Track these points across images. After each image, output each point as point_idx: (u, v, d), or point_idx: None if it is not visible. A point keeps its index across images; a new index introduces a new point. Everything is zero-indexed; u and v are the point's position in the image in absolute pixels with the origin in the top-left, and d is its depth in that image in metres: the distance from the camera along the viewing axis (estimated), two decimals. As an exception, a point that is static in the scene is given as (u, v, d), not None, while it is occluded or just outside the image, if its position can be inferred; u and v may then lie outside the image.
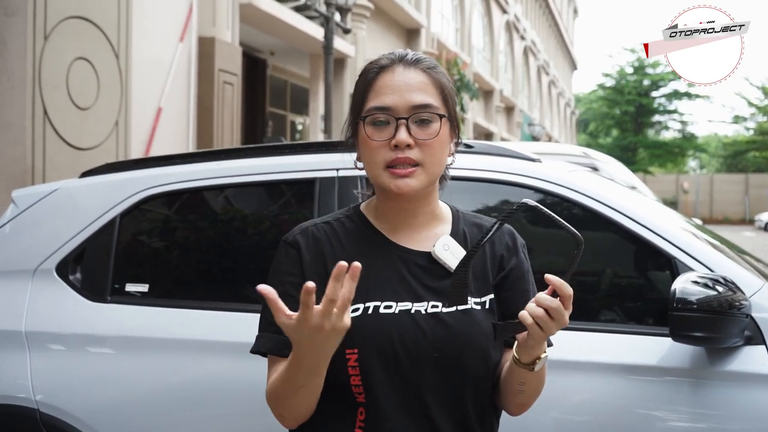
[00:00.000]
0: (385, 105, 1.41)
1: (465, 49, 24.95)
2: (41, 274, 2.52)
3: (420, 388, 1.39)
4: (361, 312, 1.39)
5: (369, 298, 1.40)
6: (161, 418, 2.31)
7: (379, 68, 1.45)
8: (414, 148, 1.40)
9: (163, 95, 9.08)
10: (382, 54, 1.50)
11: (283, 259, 1.46)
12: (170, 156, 2.78)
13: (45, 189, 2.74)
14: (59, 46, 6.78)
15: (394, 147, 1.40)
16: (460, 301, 1.37)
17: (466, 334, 1.41)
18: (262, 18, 11.47)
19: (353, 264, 1.18)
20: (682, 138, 49.48)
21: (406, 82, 1.42)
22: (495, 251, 1.52)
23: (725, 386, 1.99)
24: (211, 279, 2.55)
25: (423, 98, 1.41)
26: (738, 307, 1.93)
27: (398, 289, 1.42)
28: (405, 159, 1.39)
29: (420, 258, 1.45)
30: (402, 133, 1.39)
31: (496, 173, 2.36)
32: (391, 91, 1.41)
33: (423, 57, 1.47)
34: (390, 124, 1.41)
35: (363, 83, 1.46)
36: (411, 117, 1.40)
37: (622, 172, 6.35)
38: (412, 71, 1.44)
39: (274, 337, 1.39)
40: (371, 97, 1.43)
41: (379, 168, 1.41)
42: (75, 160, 6.90)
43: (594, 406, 2.06)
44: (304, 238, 1.46)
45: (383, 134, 1.41)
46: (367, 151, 1.43)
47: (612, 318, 2.28)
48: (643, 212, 2.26)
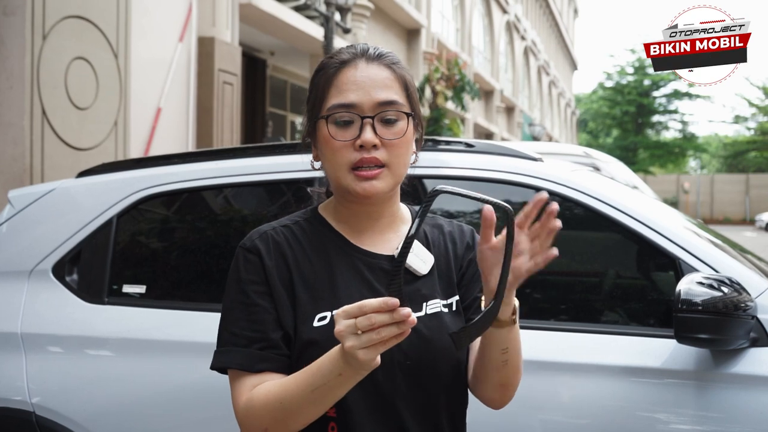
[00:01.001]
0: (349, 102, 1.33)
1: (465, 50, 24.94)
2: (37, 275, 2.49)
3: (393, 398, 1.32)
4: (329, 320, 1.31)
5: (336, 305, 1.29)
6: (159, 421, 2.28)
7: (339, 63, 1.36)
8: (380, 148, 1.32)
9: (162, 95, 9.05)
10: (340, 48, 1.41)
11: (243, 267, 1.35)
12: (168, 156, 2.75)
13: (41, 189, 2.71)
14: (58, 45, 6.76)
15: (359, 147, 1.32)
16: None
17: (436, 339, 1.35)
18: (261, 18, 11.45)
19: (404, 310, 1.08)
20: (683, 138, 49.45)
21: (371, 78, 1.34)
22: (456, 251, 1.46)
23: (731, 389, 1.96)
24: (210, 280, 2.52)
25: (388, 95, 1.34)
26: (744, 309, 1.91)
27: (366, 294, 1.31)
28: (371, 159, 1.31)
29: (385, 262, 1.38)
30: (368, 132, 1.31)
31: (498, 173, 2.33)
32: (355, 88, 1.33)
33: (385, 51, 1.40)
34: (354, 123, 1.32)
35: (323, 78, 1.37)
36: (377, 115, 1.33)
37: (623, 172, 6.32)
38: (376, 66, 1.36)
39: (242, 351, 1.31)
40: (333, 93, 1.34)
41: (342, 170, 1.33)
42: (74, 160, 6.87)
43: (597, 409, 2.03)
44: (264, 243, 1.36)
45: (347, 134, 1.32)
46: (330, 152, 1.34)
47: (615, 319, 2.26)
48: (647, 212, 2.23)
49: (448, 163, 2.40)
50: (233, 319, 1.34)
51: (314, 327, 1.31)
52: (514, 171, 2.32)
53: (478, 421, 1.93)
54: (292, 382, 1.23)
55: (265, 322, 1.31)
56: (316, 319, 1.32)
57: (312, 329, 1.31)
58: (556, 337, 2.15)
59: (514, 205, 2.35)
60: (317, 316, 1.32)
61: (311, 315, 1.32)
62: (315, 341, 1.29)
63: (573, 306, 2.29)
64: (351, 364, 1.12)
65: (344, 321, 1.10)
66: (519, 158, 2.37)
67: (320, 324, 1.31)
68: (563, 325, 2.22)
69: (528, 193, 2.31)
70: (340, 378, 1.16)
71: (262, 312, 1.32)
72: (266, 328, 1.31)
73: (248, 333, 1.31)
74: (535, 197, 1.23)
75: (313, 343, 1.29)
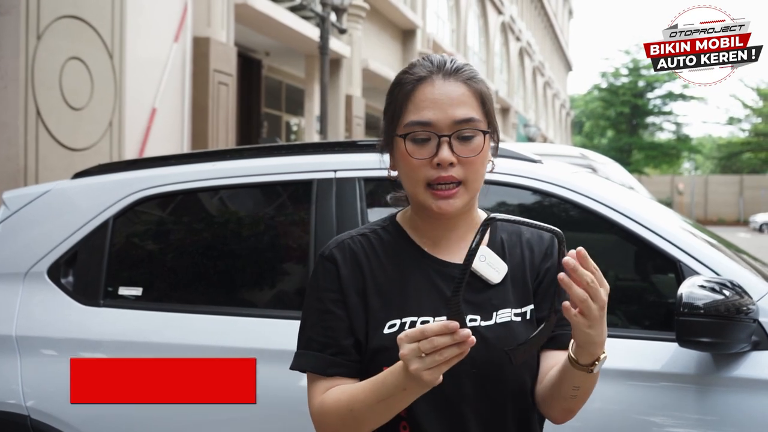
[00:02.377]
0: (426, 120, 1.34)
1: (461, 50, 24.95)
2: (32, 278, 2.47)
3: (459, 404, 1.35)
4: (398, 328, 1.35)
5: (406, 313, 1.36)
6: (154, 424, 2.26)
7: (417, 79, 1.37)
8: (456, 165, 1.34)
9: (157, 95, 9.03)
10: (416, 60, 1.42)
11: (321, 275, 1.41)
12: (164, 157, 2.74)
13: (37, 190, 2.69)
14: (53, 45, 6.73)
15: (436, 165, 1.33)
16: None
17: (503, 348, 1.34)
18: (257, 18, 11.43)
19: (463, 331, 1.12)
20: (677, 139, 49.60)
21: (448, 96, 1.35)
22: (534, 259, 1.46)
23: (732, 392, 1.95)
24: (206, 282, 2.50)
25: (465, 112, 1.35)
26: (745, 312, 1.90)
27: (436, 303, 1.36)
28: (448, 178, 1.33)
29: (457, 270, 1.37)
30: (445, 151, 1.33)
31: (498, 174, 2.31)
32: (433, 105, 1.34)
33: (462, 65, 1.40)
34: (431, 140, 1.34)
35: (401, 94, 1.38)
36: (453, 134, 1.34)
37: (619, 173, 6.34)
38: (453, 82, 1.36)
39: (316, 356, 1.37)
40: (410, 110, 1.36)
41: (419, 186, 1.35)
42: (68, 160, 6.84)
43: (598, 413, 2.02)
44: (341, 252, 1.41)
45: (424, 151, 1.34)
46: (407, 169, 1.36)
47: (615, 322, 2.24)
48: (647, 214, 2.22)
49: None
50: (310, 324, 1.40)
51: (384, 334, 1.35)
52: (513, 173, 2.30)
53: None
54: (360, 391, 1.29)
55: (338, 329, 1.37)
56: (386, 327, 1.35)
57: (382, 336, 1.35)
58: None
59: (513, 207, 2.33)
60: (388, 324, 1.35)
61: (382, 322, 1.36)
62: (385, 348, 1.33)
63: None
64: (416, 381, 1.17)
65: (408, 345, 1.15)
66: (519, 160, 2.36)
67: (390, 331, 1.34)
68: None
69: (527, 195, 2.30)
70: (405, 392, 1.21)
71: (335, 319, 1.37)
72: (338, 335, 1.37)
73: (321, 338, 1.37)
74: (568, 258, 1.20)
75: (382, 350, 1.34)
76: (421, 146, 1.34)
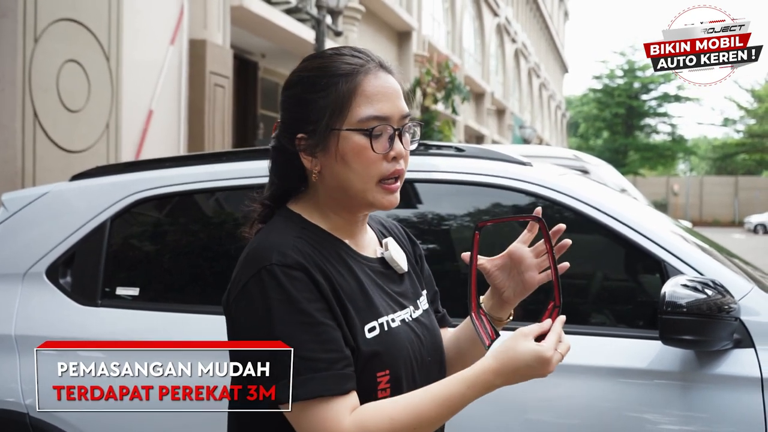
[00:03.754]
0: (384, 115, 1.29)
1: (456, 52, 24.99)
2: (31, 278, 2.51)
3: None
4: (379, 331, 1.29)
5: (375, 314, 1.30)
6: (152, 423, 2.30)
7: (356, 70, 1.30)
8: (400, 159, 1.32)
9: (154, 98, 9.06)
10: (331, 50, 1.35)
11: (290, 286, 1.21)
12: (161, 159, 2.78)
13: (35, 192, 2.73)
14: (50, 48, 6.76)
15: (391, 159, 1.30)
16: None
17: (437, 333, 1.45)
18: (253, 20, 11.45)
19: None
20: (672, 140, 49.67)
21: (394, 89, 1.32)
22: (406, 245, 1.52)
23: (715, 389, 2.00)
24: (202, 282, 2.54)
25: (406, 106, 1.34)
26: (727, 311, 1.95)
27: (385, 299, 1.34)
28: (400, 171, 1.31)
29: (377, 265, 1.39)
30: (400, 144, 1.30)
31: (487, 177, 2.37)
32: (385, 99, 1.30)
33: (386, 59, 1.38)
34: (383, 135, 1.29)
35: (343, 85, 1.29)
36: (403, 127, 1.32)
37: (612, 175, 6.39)
38: (390, 76, 1.34)
39: (327, 376, 1.19)
40: (361, 102, 1.28)
41: (371, 182, 1.29)
42: (65, 162, 6.87)
43: (584, 410, 2.07)
44: (302, 257, 1.24)
45: (379, 146, 1.29)
46: (362, 165, 1.28)
47: (602, 321, 2.29)
48: (633, 216, 2.27)
49: (438, 167, 2.43)
50: (300, 343, 1.19)
51: (369, 339, 1.27)
52: (502, 175, 2.35)
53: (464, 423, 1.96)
54: (422, 406, 1.21)
55: (336, 340, 1.22)
56: (366, 330, 1.27)
57: (368, 341, 1.27)
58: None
59: (503, 209, 2.38)
60: (366, 327, 1.27)
61: (361, 326, 1.27)
62: (377, 352, 1.27)
63: (561, 308, 2.31)
64: (528, 376, 1.24)
65: (557, 354, 1.25)
66: (508, 162, 2.41)
67: (373, 335, 1.28)
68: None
69: (516, 197, 2.35)
70: (484, 390, 1.23)
71: (330, 330, 1.22)
72: (340, 346, 1.22)
73: (325, 355, 1.20)
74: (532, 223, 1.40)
75: (375, 355, 1.26)
76: (376, 140, 1.28)
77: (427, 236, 2.42)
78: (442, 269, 2.25)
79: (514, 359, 1.22)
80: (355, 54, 1.33)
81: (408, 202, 2.49)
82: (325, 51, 1.36)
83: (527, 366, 1.22)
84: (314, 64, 1.34)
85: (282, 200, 1.40)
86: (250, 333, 1.22)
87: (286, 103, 1.36)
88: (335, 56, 1.33)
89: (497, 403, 2.09)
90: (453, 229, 2.47)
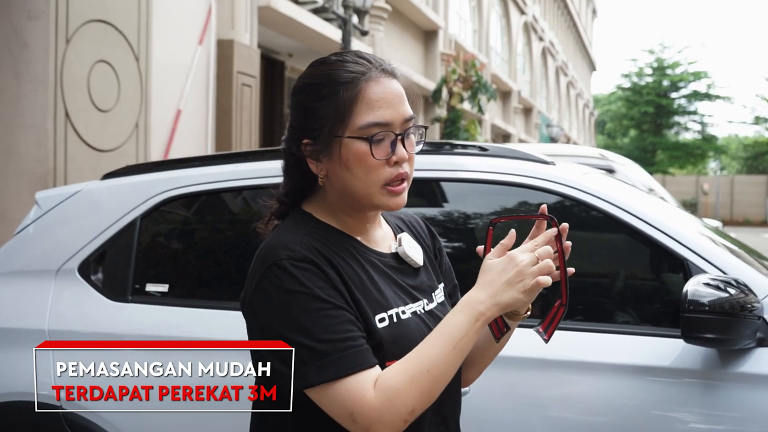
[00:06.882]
0: (385, 121, 1.32)
1: (483, 51, 24.92)
2: (64, 274, 2.57)
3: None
4: (388, 322, 1.32)
5: (387, 305, 1.33)
6: (181, 416, 2.35)
7: (357, 76, 1.33)
8: (404, 162, 1.35)
9: (182, 97, 9.16)
10: (335, 57, 1.38)
11: (301, 277, 1.25)
12: (189, 158, 2.83)
13: (67, 191, 2.79)
14: (81, 49, 6.87)
15: (393, 164, 1.33)
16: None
17: None
18: (280, 20, 11.52)
19: None
20: (702, 139, 49.05)
21: (395, 93, 1.34)
22: (425, 239, 1.55)
23: (737, 388, 2.00)
24: (229, 279, 2.59)
25: (409, 109, 1.36)
26: (750, 309, 1.95)
27: (397, 292, 1.38)
28: (403, 174, 1.34)
29: (391, 259, 1.43)
30: (402, 148, 1.33)
31: (510, 176, 2.39)
32: (387, 105, 1.32)
33: (389, 62, 1.40)
34: (385, 140, 1.32)
35: (345, 93, 1.32)
36: (406, 132, 1.34)
37: (639, 174, 6.34)
38: (392, 80, 1.36)
39: (352, 352, 1.23)
40: (362, 110, 1.31)
41: (376, 186, 1.32)
42: (96, 161, 6.98)
43: (608, 407, 2.08)
44: (309, 251, 1.28)
45: (381, 151, 1.32)
46: (364, 171, 1.32)
47: (626, 319, 2.30)
48: (656, 214, 2.28)
49: (463, 166, 2.45)
50: (319, 329, 1.23)
51: (380, 329, 1.30)
52: (526, 174, 2.37)
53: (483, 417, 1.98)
54: (428, 349, 1.24)
55: (352, 322, 1.26)
56: (377, 321, 1.30)
57: (378, 331, 1.30)
58: (568, 336, 2.19)
59: (526, 207, 2.40)
60: (377, 318, 1.31)
61: (371, 317, 1.30)
62: (387, 342, 1.30)
63: (584, 306, 2.33)
64: (511, 299, 1.25)
65: (525, 255, 1.26)
66: (531, 161, 2.42)
67: (383, 325, 1.31)
68: (575, 324, 2.26)
69: (539, 196, 2.36)
70: (477, 323, 1.25)
71: (346, 313, 1.26)
72: (358, 326, 1.26)
73: (344, 335, 1.23)
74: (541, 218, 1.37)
75: (385, 345, 1.29)
76: (377, 146, 1.31)
77: (451, 235, 2.45)
78: (467, 268, 2.27)
79: (487, 269, 1.28)
80: (358, 60, 1.36)
81: (433, 201, 2.52)
82: (330, 57, 1.38)
83: (501, 271, 1.25)
84: (317, 71, 1.37)
85: (297, 199, 1.45)
86: (270, 327, 1.26)
87: (292, 108, 1.41)
88: (338, 63, 1.36)
89: (517, 399, 2.11)
90: (478, 228, 2.49)
